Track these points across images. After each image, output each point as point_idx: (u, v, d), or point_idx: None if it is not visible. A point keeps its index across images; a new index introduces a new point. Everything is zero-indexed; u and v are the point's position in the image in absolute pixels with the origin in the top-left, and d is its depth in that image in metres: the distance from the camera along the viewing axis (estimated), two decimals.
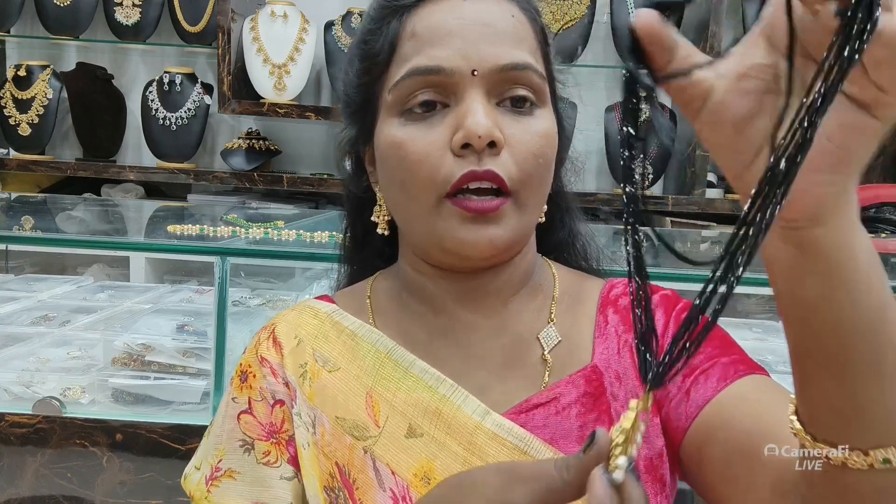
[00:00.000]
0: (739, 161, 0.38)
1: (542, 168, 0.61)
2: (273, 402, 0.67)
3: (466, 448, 0.62)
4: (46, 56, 2.86)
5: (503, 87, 0.60)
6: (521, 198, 0.60)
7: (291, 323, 0.70)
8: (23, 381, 1.29)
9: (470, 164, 0.58)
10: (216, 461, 0.67)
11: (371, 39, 0.64)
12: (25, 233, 1.57)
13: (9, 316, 1.60)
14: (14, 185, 2.82)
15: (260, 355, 0.69)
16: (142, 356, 1.31)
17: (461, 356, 0.66)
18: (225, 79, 2.56)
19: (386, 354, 0.66)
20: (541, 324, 0.68)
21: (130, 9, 2.69)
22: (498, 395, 0.65)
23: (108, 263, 2.44)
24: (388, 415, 0.64)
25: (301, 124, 2.82)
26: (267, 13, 2.57)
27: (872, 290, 0.42)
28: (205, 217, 1.95)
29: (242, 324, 1.43)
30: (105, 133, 2.85)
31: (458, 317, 0.67)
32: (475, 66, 0.58)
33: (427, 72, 0.59)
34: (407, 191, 0.61)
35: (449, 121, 0.59)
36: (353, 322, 0.69)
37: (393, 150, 0.61)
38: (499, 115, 0.60)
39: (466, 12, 0.60)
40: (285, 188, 2.67)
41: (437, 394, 0.63)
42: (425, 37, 0.60)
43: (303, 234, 1.50)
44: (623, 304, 0.69)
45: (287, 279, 1.87)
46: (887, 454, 0.43)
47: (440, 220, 0.60)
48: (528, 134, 0.60)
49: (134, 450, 1.21)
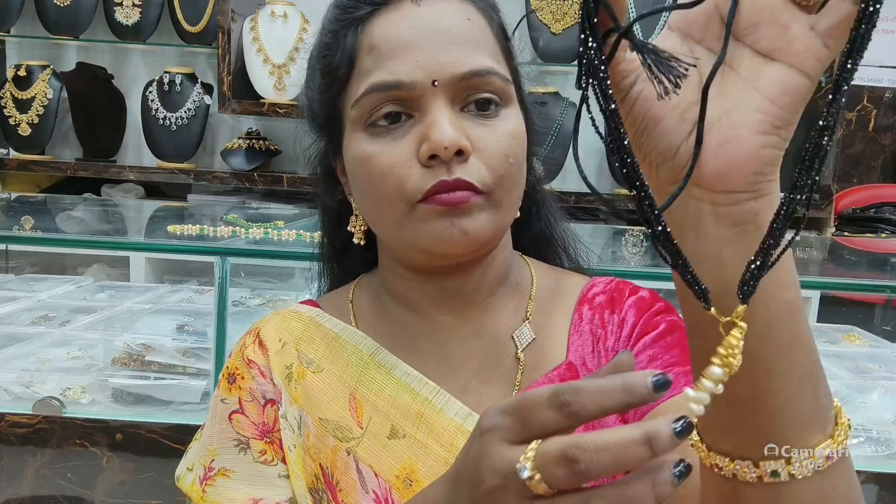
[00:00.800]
0: (668, 140, 0.39)
1: (514, 167, 0.61)
2: (264, 402, 0.67)
3: (448, 450, 0.62)
4: (46, 56, 2.86)
5: (465, 93, 0.59)
6: (494, 197, 0.60)
7: (275, 326, 0.71)
8: (23, 381, 1.29)
9: (439, 175, 0.58)
10: (208, 461, 0.68)
11: (329, 54, 0.63)
12: (25, 233, 1.57)
13: (9, 316, 1.60)
14: (14, 185, 2.82)
15: (246, 357, 0.69)
16: (142, 356, 1.31)
17: (441, 358, 0.67)
18: (225, 79, 2.56)
19: (369, 356, 0.67)
20: (516, 323, 0.68)
21: (130, 9, 2.69)
22: (477, 397, 0.65)
23: (108, 263, 2.44)
24: (371, 416, 0.65)
25: (301, 124, 2.81)
26: (267, 13, 2.57)
27: (794, 282, 0.42)
28: (205, 217, 1.95)
29: (242, 324, 1.43)
30: (105, 133, 2.85)
31: (437, 319, 0.68)
32: (435, 76, 0.58)
33: (388, 87, 0.59)
34: (378, 203, 0.61)
35: (415, 132, 0.59)
36: (336, 324, 0.70)
37: (361, 164, 0.61)
38: (464, 121, 0.59)
39: (422, 20, 0.59)
40: (285, 188, 2.67)
41: (420, 396, 0.64)
42: (383, 50, 0.59)
43: (303, 234, 1.50)
44: (599, 301, 0.69)
45: (287, 279, 1.87)
46: (776, 466, 0.41)
47: (415, 222, 0.60)
48: (495, 136, 0.60)
49: (134, 450, 1.21)
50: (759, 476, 0.42)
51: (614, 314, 0.68)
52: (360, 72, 0.61)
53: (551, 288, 0.71)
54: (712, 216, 0.39)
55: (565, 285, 0.72)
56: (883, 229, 2.65)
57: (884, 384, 1.37)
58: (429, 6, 0.60)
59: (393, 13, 0.60)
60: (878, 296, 2.03)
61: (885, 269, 1.85)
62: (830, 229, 2.64)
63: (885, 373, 1.46)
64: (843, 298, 2.12)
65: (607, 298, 0.69)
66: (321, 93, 0.66)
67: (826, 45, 0.38)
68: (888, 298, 2.02)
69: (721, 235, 0.39)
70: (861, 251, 2.15)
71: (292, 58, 2.56)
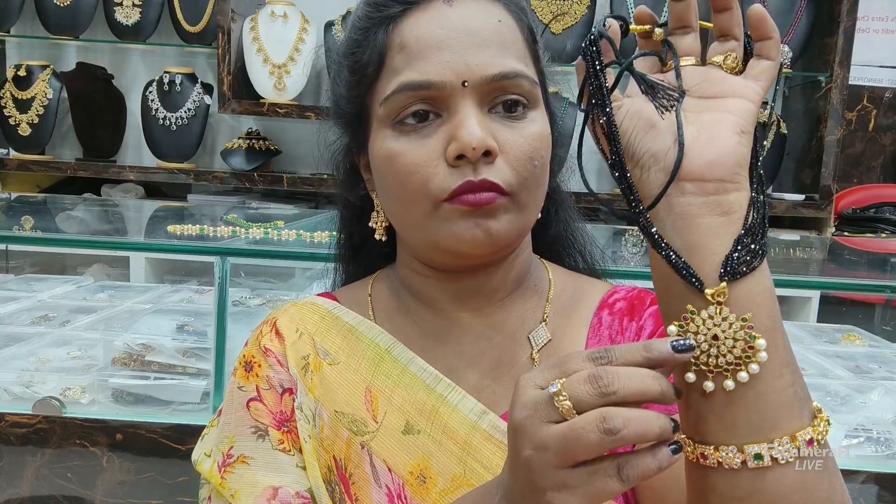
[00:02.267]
0: (657, 145, 0.48)
1: (538, 170, 0.61)
2: (281, 390, 0.68)
3: (463, 448, 0.62)
4: (46, 56, 2.86)
5: (494, 95, 0.60)
6: (519, 199, 0.60)
7: (293, 317, 0.71)
8: (23, 381, 1.29)
9: (465, 175, 0.58)
10: (227, 448, 0.68)
11: (358, 51, 0.64)
12: (25, 233, 1.57)
13: (9, 316, 1.60)
14: (14, 185, 2.82)
15: (263, 346, 0.69)
16: (142, 356, 1.31)
17: (456, 355, 0.67)
18: (225, 79, 2.56)
19: (385, 350, 0.67)
20: (533, 324, 0.69)
21: (130, 9, 2.69)
22: (491, 395, 0.66)
23: (108, 263, 2.44)
24: (386, 410, 0.65)
25: (301, 124, 2.82)
26: (267, 13, 2.57)
27: (769, 272, 0.47)
28: (205, 217, 1.95)
29: (242, 324, 1.43)
30: (105, 133, 2.85)
31: (454, 317, 0.68)
32: (465, 77, 0.59)
33: (418, 87, 0.59)
34: (403, 201, 0.62)
35: (442, 132, 0.60)
36: (353, 317, 0.70)
37: (388, 162, 0.61)
38: (491, 122, 0.60)
39: (452, 20, 0.60)
40: (285, 188, 2.67)
41: (435, 392, 0.64)
42: (414, 49, 0.60)
43: (303, 234, 1.50)
44: (619, 307, 0.70)
45: (287, 279, 1.87)
46: (759, 449, 0.45)
47: (439, 221, 0.60)
48: (521, 138, 0.60)
49: (134, 450, 1.21)
50: (744, 461, 0.45)
51: (633, 321, 0.69)
52: (390, 70, 0.61)
53: (570, 291, 0.72)
54: (704, 207, 0.47)
55: (586, 290, 0.72)
56: (883, 229, 2.65)
57: (884, 384, 1.36)
58: (460, 7, 0.61)
59: (424, 13, 0.61)
60: (878, 296, 2.03)
61: (885, 269, 1.85)
62: (830, 229, 2.64)
63: (885, 373, 1.46)
64: (843, 298, 2.12)
65: (627, 305, 0.70)
66: (349, 89, 0.66)
67: (757, 83, 0.50)
68: (888, 298, 2.02)
69: (711, 225, 0.46)
70: (861, 251, 2.15)
71: (292, 58, 2.56)
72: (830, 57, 2.56)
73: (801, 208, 2.62)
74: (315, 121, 2.62)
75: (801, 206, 2.62)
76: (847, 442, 1.19)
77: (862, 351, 1.62)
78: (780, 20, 2.61)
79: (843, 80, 2.55)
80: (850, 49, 2.54)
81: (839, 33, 2.53)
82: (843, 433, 1.19)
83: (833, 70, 2.55)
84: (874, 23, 2.91)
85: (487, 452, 0.62)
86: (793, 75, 2.74)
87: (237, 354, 1.38)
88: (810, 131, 2.69)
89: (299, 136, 2.91)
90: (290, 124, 2.85)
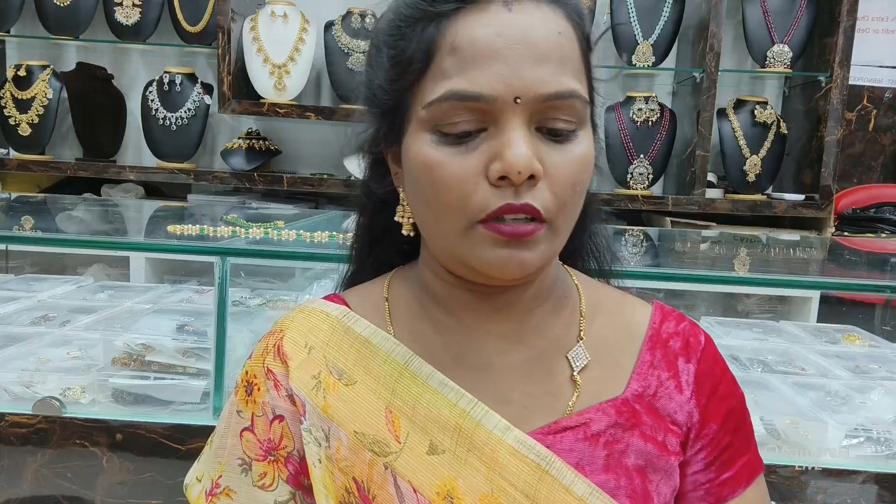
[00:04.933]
0: None
1: (578, 195, 0.59)
2: (272, 417, 0.66)
3: (489, 465, 0.60)
4: (46, 56, 2.86)
5: (545, 114, 0.56)
6: (555, 225, 0.58)
7: (301, 329, 0.68)
8: (23, 381, 1.29)
9: (506, 197, 0.55)
10: (216, 476, 0.67)
11: (402, 43, 0.59)
12: (25, 233, 1.57)
13: (9, 316, 1.60)
14: (14, 185, 2.82)
15: (266, 366, 0.67)
16: (142, 356, 1.31)
17: (480, 367, 0.65)
18: (225, 79, 2.56)
19: (403, 365, 0.64)
20: (569, 341, 0.66)
21: (130, 9, 2.69)
22: (521, 410, 0.63)
23: (108, 263, 2.44)
24: (408, 430, 0.62)
25: (301, 124, 2.82)
26: (267, 13, 2.57)
27: None
28: (205, 217, 1.95)
29: (242, 324, 1.43)
30: (105, 133, 2.85)
31: (480, 326, 0.65)
32: (518, 93, 0.55)
33: (467, 97, 0.55)
34: (436, 212, 0.59)
35: (486, 147, 0.56)
36: (366, 327, 0.67)
37: (425, 169, 0.58)
38: (539, 142, 0.57)
39: (511, 28, 0.55)
40: (285, 188, 2.67)
41: (457, 408, 0.62)
42: (467, 55, 0.55)
43: (303, 234, 1.50)
44: (675, 348, 0.68)
45: (287, 279, 1.87)
46: None
47: (471, 243, 0.58)
48: (567, 162, 0.57)
49: (134, 450, 1.21)
50: None
51: (690, 363, 0.67)
52: (438, 72, 0.57)
53: (606, 307, 0.69)
54: None
55: (626, 309, 0.70)
56: (883, 229, 2.65)
57: (884, 384, 1.36)
58: (520, 13, 0.56)
59: (481, 15, 0.56)
60: (878, 296, 2.03)
61: (885, 269, 1.85)
62: (830, 229, 2.64)
63: (885, 373, 1.46)
64: (843, 298, 2.12)
65: (682, 344, 0.68)
66: (388, 81, 0.61)
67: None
68: (888, 298, 2.02)
69: None
70: (861, 251, 2.15)
71: (292, 58, 2.56)
72: (830, 57, 2.56)
73: (801, 208, 2.62)
74: (315, 121, 2.62)
75: (801, 206, 2.62)
76: (847, 442, 1.19)
77: (862, 351, 1.62)
78: (780, 20, 2.62)
79: (843, 80, 2.55)
80: (850, 49, 2.54)
81: (839, 33, 2.53)
82: (843, 433, 1.19)
83: (833, 70, 2.55)
84: (874, 23, 2.91)
85: (514, 469, 0.60)
86: (793, 75, 2.74)
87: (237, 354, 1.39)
88: (810, 131, 2.69)
89: (299, 136, 2.91)
90: (290, 124, 2.85)
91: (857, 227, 2.72)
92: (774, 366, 1.50)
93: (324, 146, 2.91)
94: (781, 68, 2.64)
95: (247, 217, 1.87)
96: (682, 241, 2.11)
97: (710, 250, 2.07)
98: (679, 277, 1.23)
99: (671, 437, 0.64)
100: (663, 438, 0.64)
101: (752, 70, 2.79)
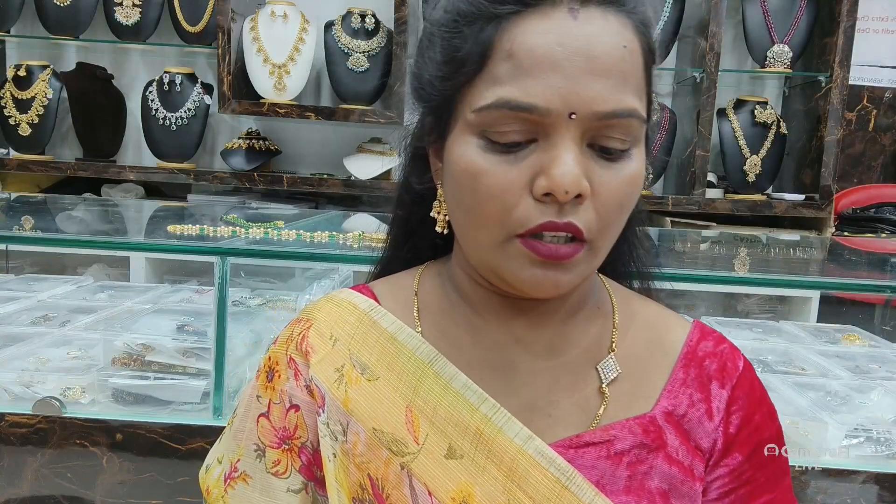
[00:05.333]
0: None
1: (623, 215, 0.57)
2: (289, 406, 0.65)
3: (507, 475, 0.59)
4: (46, 56, 2.86)
5: (599, 131, 0.54)
6: (595, 244, 0.56)
7: (329, 319, 0.67)
8: (23, 381, 1.29)
9: (550, 214, 0.54)
10: (235, 459, 0.67)
11: (458, 41, 0.56)
12: (25, 233, 1.57)
13: (9, 316, 1.60)
14: (14, 185, 2.82)
15: (289, 354, 0.66)
16: (142, 356, 1.31)
17: (506, 371, 0.63)
18: (225, 79, 2.56)
19: (427, 364, 0.63)
20: (600, 352, 0.65)
21: (130, 9, 2.69)
22: (546, 419, 0.62)
23: (108, 263, 2.44)
24: (427, 432, 0.61)
25: (301, 124, 2.82)
26: (267, 13, 2.57)
27: None
28: (205, 217, 1.95)
29: (242, 324, 1.43)
30: (105, 133, 2.85)
31: (509, 329, 0.64)
32: (574, 108, 0.52)
33: (520, 108, 0.53)
34: (475, 219, 0.57)
35: (533, 160, 0.54)
36: (392, 322, 0.65)
37: (468, 176, 0.56)
38: (589, 159, 0.54)
39: (574, 38, 0.52)
40: (285, 188, 2.67)
41: (479, 413, 0.60)
42: (524, 63, 0.53)
43: (303, 234, 1.50)
44: (710, 369, 0.65)
45: (287, 279, 1.87)
46: None
47: (506, 256, 0.56)
48: (616, 181, 0.55)
49: (134, 450, 1.21)
50: None
51: (724, 388, 0.65)
52: (492, 76, 0.54)
53: (641, 320, 0.68)
54: None
55: (664, 326, 0.68)
56: (883, 229, 2.65)
57: (884, 384, 1.36)
58: (586, 22, 0.53)
59: (543, 20, 0.53)
60: (878, 296, 2.03)
61: (885, 269, 1.85)
62: (830, 229, 2.64)
63: (885, 373, 1.46)
64: (843, 298, 2.12)
65: (718, 367, 0.66)
66: (439, 78, 0.58)
67: None
68: (888, 298, 2.02)
69: None
70: (861, 251, 2.15)
71: (292, 58, 2.56)
72: (830, 57, 2.56)
73: (801, 208, 2.62)
74: (315, 121, 2.62)
75: (801, 206, 2.62)
76: (847, 442, 1.19)
77: (862, 351, 1.62)
78: (780, 20, 2.62)
79: (843, 80, 2.55)
80: (850, 49, 2.54)
81: (839, 33, 2.53)
82: (843, 433, 1.19)
83: (833, 70, 2.55)
84: (874, 23, 2.91)
85: (533, 481, 0.58)
86: (793, 75, 2.74)
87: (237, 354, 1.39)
88: (810, 131, 2.69)
89: (299, 136, 2.91)
90: (290, 124, 2.85)
91: (857, 227, 2.72)
92: (774, 366, 1.50)
93: (324, 146, 2.91)
94: (781, 68, 2.64)
95: (247, 217, 1.87)
96: (682, 241, 2.11)
97: (710, 250, 2.07)
98: (679, 277, 1.22)
99: (697, 462, 0.63)
100: (690, 463, 0.62)
101: (752, 70, 2.79)
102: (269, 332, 1.45)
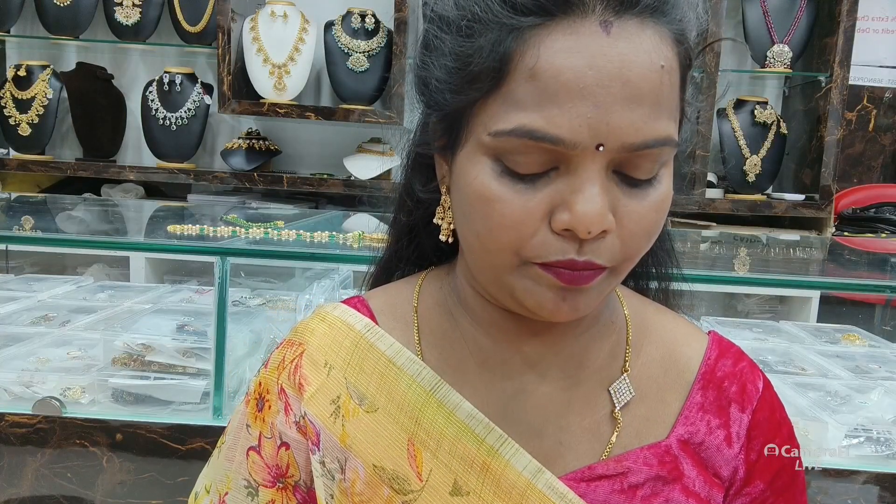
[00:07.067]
0: None
1: (650, 243, 0.52)
2: (279, 443, 0.62)
3: None
4: (46, 56, 2.86)
5: (628, 161, 0.48)
6: (617, 270, 0.52)
7: (323, 344, 0.62)
8: (23, 381, 1.29)
9: (568, 252, 0.49)
10: (223, 492, 0.65)
11: (469, 47, 0.49)
12: (25, 233, 1.57)
13: (9, 316, 1.60)
14: (14, 185, 2.82)
15: (280, 384, 0.62)
16: (142, 356, 1.31)
17: (514, 394, 0.59)
18: (225, 79, 2.56)
19: (429, 392, 0.58)
20: (612, 373, 0.61)
21: (130, 9, 2.69)
22: (555, 446, 0.58)
23: (108, 263, 2.44)
24: (431, 467, 0.57)
25: (301, 124, 2.82)
26: (267, 13, 2.57)
27: None
28: (205, 217, 1.95)
29: (242, 324, 1.43)
30: (105, 133, 2.85)
31: (517, 349, 0.59)
32: (603, 140, 0.46)
33: (543, 139, 0.47)
34: (485, 245, 0.52)
35: (552, 190, 0.48)
36: (390, 345, 0.61)
37: (480, 201, 0.50)
38: (615, 187, 0.49)
39: (606, 59, 0.46)
40: (285, 188, 2.67)
41: (485, 445, 0.56)
42: (549, 88, 0.46)
43: (303, 234, 1.50)
44: (729, 392, 0.62)
45: (287, 279, 1.87)
46: None
47: (521, 277, 0.52)
48: (642, 208, 0.50)
49: (134, 450, 1.21)
50: None
51: (744, 413, 0.61)
52: (511, 97, 0.47)
53: (658, 337, 0.63)
54: None
55: (680, 342, 0.63)
56: (883, 229, 2.65)
57: (884, 384, 1.36)
58: (621, 38, 0.46)
59: (570, 36, 0.46)
60: (878, 296, 2.03)
61: (885, 269, 1.85)
62: (830, 229, 2.64)
63: (885, 373, 1.46)
64: (843, 298, 2.12)
65: (738, 389, 0.62)
66: (449, 90, 0.51)
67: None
68: (888, 298, 2.02)
69: None
70: (861, 251, 2.15)
71: (292, 58, 2.56)
72: (830, 57, 2.56)
73: (801, 208, 2.62)
74: (315, 121, 2.62)
75: (801, 206, 2.62)
76: (847, 442, 1.19)
77: (862, 351, 1.62)
78: (780, 20, 2.62)
79: (843, 80, 2.55)
80: (850, 49, 2.54)
81: (839, 33, 2.53)
82: (843, 433, 1.19)
83: (833, 70, 2.55)
84: (874, 23, 2.91)
85: None
86: (793, 75, 2.74)
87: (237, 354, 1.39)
88: (810, 131, 2.69)
89: (299, 136, 2.91)
90: (290, 124, 2.85)
91: (857, 227, 2.73)
92: (774, 366, 1.50)
93: (324, 146, 2.91)
94: (781, 68, 2.64)
95: (247, 217, 1.87)
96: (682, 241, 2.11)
97: (710, 250, 2.07)
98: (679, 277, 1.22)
99: (715, 492, 0.59)
100: (707, 494, 0.59)
101: (752, 70, 2.79)
102: (269, 332, 1.45)
